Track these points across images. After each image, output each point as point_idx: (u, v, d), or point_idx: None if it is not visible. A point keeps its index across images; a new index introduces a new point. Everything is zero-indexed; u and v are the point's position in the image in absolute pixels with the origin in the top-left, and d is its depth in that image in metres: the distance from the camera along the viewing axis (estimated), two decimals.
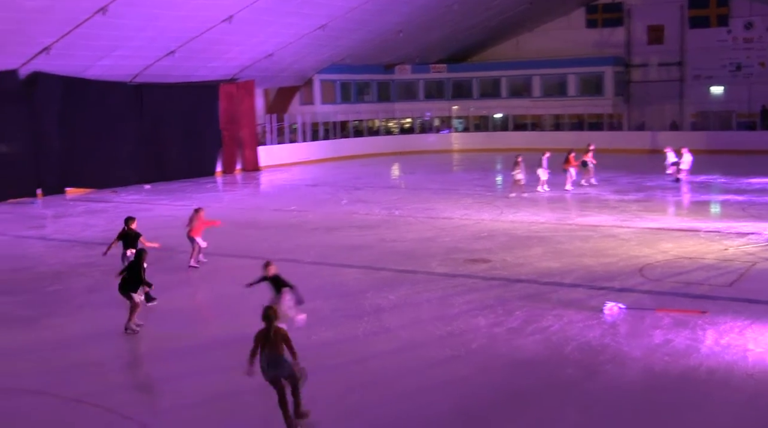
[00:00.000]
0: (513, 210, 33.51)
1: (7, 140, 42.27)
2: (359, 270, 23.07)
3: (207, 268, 24.34)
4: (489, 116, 69.66)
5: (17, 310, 19.95)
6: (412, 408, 13.24)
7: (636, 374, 14.53)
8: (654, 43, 66.48)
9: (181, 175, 50.68)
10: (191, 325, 18.50)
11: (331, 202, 38.46)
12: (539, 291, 20.34)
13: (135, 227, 21.29)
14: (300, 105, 64.58)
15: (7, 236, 31.03)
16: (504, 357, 15.55)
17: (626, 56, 67.48)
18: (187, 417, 12.95)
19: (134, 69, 46.78)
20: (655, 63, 66.60)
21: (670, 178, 41.00)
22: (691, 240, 26.13)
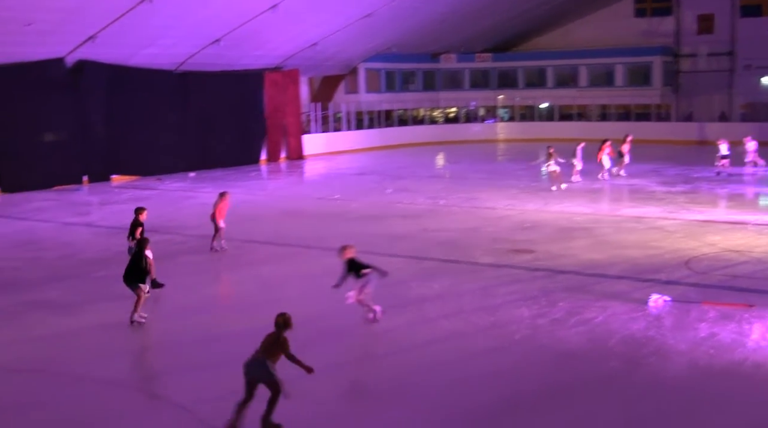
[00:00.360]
0: (558, 200, 33.32)
1: (53, 128, 42.59)
2: (403, 259, 23.02)
3: (251, 256, 24.40)
4: (534, 106, 69.27)
5: (63, 296, 20.09)
6: (454, 399, 13.18)
7: (680, 367, 14.38)
8: (704, 33, 65.67)
9: (225, 163, 50.81)
10: (235, 313, 18.54)
11: (375, 191, 38.42)
12: (583, 282, 20.20)
13: (144, 218, 21.17)
14: (345, 93, 64.57)
15: (53, 223, 31.27)
16: (547, 348, 15.45)
17: (675, 46, 66.73)
18: (232, 405, 12.94)
19: (179, 57, 46.97)
20: (704, 53, 65.72)
21: (716, 170, 40.48)
22: (739, 233, 25.85)
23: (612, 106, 66.05)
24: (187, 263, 23.91)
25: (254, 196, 37.90)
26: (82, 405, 13.23)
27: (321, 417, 12.62)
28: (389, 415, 12.62)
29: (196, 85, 49.25)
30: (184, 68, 48.37)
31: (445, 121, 71.65)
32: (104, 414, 12.95)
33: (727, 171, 39.76)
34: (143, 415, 12.86)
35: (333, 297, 17.63)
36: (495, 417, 12.48)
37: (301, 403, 12.97)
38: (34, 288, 21.05)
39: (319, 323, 17.37)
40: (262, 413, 11.95)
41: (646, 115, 65.00)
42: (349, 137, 62.08)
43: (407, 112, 68.34)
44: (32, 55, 39.68)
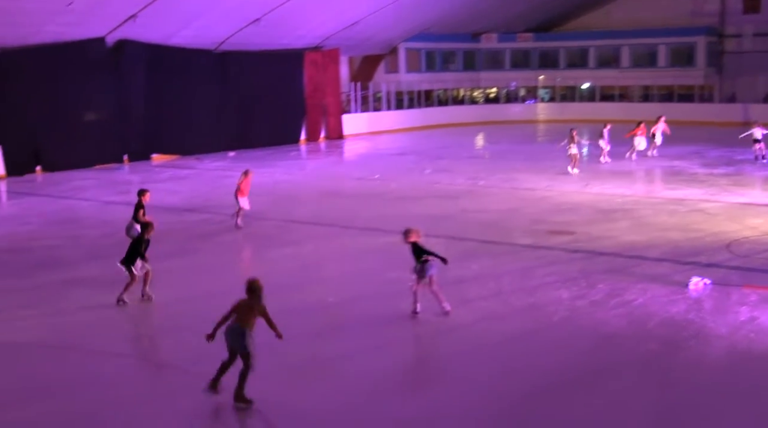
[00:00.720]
0: (598, 182, 33.13)
1: (94, 107, 42.83)
2: (442, 240, 22.91)
3: (290, 236, 24.47)
4: (576, 86, 68.83)
5: (103, 274, 20.18)
6: (492, 381, 13.16)
7: (720, 351, 14.28)
8: (750, 12, 64.74)
9: (265, 143, 50.92)
10: (273, 293, 18.53)
11: (414, 171, 38.37)
12: (623, 264, 20.08)
13: (147, 200, 21.07)
14: (385, 73, 64.48)
15: (94, 202, 31.49)
16: (586, 330, 15.37)
17: (720, 26, 65.97)
18: (270, 385, 12.97)
19: (219, 37, 47.03)
20: (750, 33, 64.90)
21: (753, 154, 39.84)
22: None
23: (654, 87, 65.45)
24: (226, 242, 24.00)
25: (293, 176, 37.98)
26: (120, 383, 13.30)
27: (358, 399, 12.60)
28: (428, 397, 12.61)
29: (236, 64, 49.34)
30: (224, 48, 48.45)
31: (485, 101, 71.42)
32: (142, 391, 13.03)
33: (764, 154, 39.10)
34: (182, 393, 12.92)
35: (371, 278, 17.64)
36: (533, 398, 12.44)
37: (337, 386, 13.00)
38: (75, 266, 21.22)
39: (356, 304, 17.40)
40: (234, 386, 12.16)
41: (689, 96, 64.33)
42: (389, 117, 62.03)
43: (447, 92, 68.19)
44: (73, 35, 39.87)
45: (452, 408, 12.14)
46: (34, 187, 36.28)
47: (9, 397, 12.81)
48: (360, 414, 12.05)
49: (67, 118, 41.06)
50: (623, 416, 11.79)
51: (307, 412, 12.09)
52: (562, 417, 11.80)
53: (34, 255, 22.73)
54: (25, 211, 29.97)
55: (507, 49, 70.53)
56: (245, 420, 11.89)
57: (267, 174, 38.12)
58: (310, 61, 53.86)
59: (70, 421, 12.09)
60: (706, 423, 11.67)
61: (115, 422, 12.04)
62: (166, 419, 12.07)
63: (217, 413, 12.20)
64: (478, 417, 11.86)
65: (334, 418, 11.90)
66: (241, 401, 12.22)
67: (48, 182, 37.29)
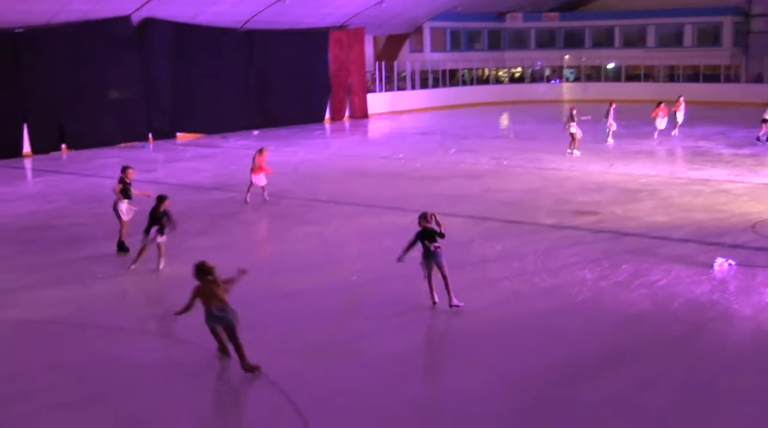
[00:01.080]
0: (623, 162, 33.00)
1: (119, 86, 42.98)
2: (465, 219, 22.95)
3: (314, 215, 24.49)
4: (601, 66, 68.50)
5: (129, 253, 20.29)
6: (515, 361, 13.14)
7: (744, 332, 14.22)
8: None
9: (289, 122, 50.95)
10: (296, 271, 18.60)
11: (438, 150, 38.32)
12: (648, 245, 20.01)
13: (130, 176, 21.02)
14: (409, 52, 64.35)
15: None
16: (610, 311, 15.33)
17: (746, 5, 65.39)
18: (295, 363, 13.02)
19: (244, 15, 47.01)
20: None
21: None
22: None
23: (680, 66, 65.04)
24: (250, 221, 24.07)
25: (317, 155, 37.99)
26: (141, 360, 13.37)
27: (378, 378, 12.62)
28: (449, 378, 12.63)
29: (261, 43, 49.36)
30: (249, 26, 48.45)
31: (510, 80, 71.18)
32: (166, 369, 13.09)
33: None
34: (203, 371, 12.98)
35: (394, 257, 17.58)
36: (556, 379, 12.42)
37: (356, 366, 13.02)
38: (99, 243, 21.26)
39: (378, 283, 17.42)
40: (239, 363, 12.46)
41: (715, 76, 63.90)
42: (414, 96, 61.93)
43: (472, 72, 67.99)
44: (99, 13, 39.96)
45: (473, 389, 12.13)
46: (58, 164, 36.47)
47: (32, 374, 12.90)
48: (380, 394, 12.06)
49: (92, 97, 41.23)
50: (647, 397, 11.76)
51: (326, 391, 12.11)
52: (585, 398, 11.78)
53: (58, 232, 22.83)
54: (50, 188, 30.12)
55: (532, 29, 70.26)
56: (264, 397, 11.92)
57: (291, 153, 38.18)
58: (335, 39, 53.82)
59: (95, 398, 12.17)
60: (730, 403, 11.63)
61: (134, 399, 12.12)
62: (185, 396, 12.13)
63: (236, 390, 12.25)
64: (500, 398, 11.86)
65: (353, 398, 11.92)
66: (249, 370, 12.47)
67: (73, 160, 37.46)
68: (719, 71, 63.84)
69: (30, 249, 20.99)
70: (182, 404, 11.91)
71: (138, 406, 11.94)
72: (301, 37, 51.81)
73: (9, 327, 15.28)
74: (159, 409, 11.78)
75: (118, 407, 11.96)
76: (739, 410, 11.48)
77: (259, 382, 12.31)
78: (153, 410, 11.78)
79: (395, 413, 11.41)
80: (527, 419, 11.28)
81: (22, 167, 36.22)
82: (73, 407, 11.84)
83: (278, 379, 12.23)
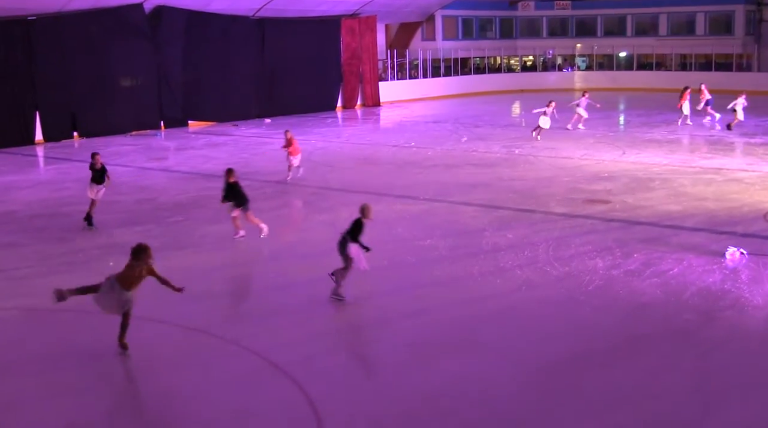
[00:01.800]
0: (635, 151, 32.97)
1: (131, 73, 43.12)
2: (477, 208, 22.95)
3: (326, 203, 24.54)
4: (613, 55, 68.38)
5: (140, 240, 20.26)
6: (527, 349, 13.16)
7: (756, 321, 14.23)
8: None
9: (301, 110, 51.02)
10: (308, 259, 18.63)
11: (450, 139, 38.32)
12: (659, 234, 19.99)
13: (97, 163, 21.80)
14: (421, 41, 64.37)
15: (131, 167, 31.66)
16: (621, 300, 15.34)
17: None
18: (307, 350, 13.06)
19: (256, 3, 47.03)
20: None
21: None
22: None
23: (692, 55, 64.90)
24: (262, 209, 24.05)
25: (330, 143, 38.01)
26: (157, 349, 13.42)
27: (390, 364, 12.68)
28: (461, 364, 12.64)
29: (273, 31, 49.39)
30: (262, 14, 48.46)
31: (522, 69, 71.08)
32: (179, 358, 13.13)
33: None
34: (217, 360, 13.02)
35: (405, 245, 17.68)
36: (568, 367, 12.44)
37: (369, 352, 13.08)
38: (112, 231, 21.37)
39: (390, 271, 17.44)
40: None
41: (727, 64, 63.76)
42: (426, 85, 61.94)
43: (484, 60, 67.89)
44: (111, 1, 40.09)
45: (486, 376, 12.16)
46: (71, 152, 36.56)
47: (47, 362, 12.97)
48: (392, 379, 12.12)
49: (104, 85, 41.37)
50: (660, 386, 11.77)
51: (339, 377, 12.19)
52: (596, 386, 11.81)
53: (70, 220, 22.87)
54: (62, 176, 30.19)
55: (544, 17, 70.21)
56: (277, 383, 11.97)
57: (303, 141, 38.12)
58: (347, 27, 53.83)
59: (107, 385, 12.24)
60: (742, 392, 11.64)
61: (144, 386, 12.20)
62: (196, 384, 12.16)
63: (250, 377, 12.29)
64: (513, 385, 11.89)
65: (368, 385, 11.97)
66: (123, 347, 12.93)
67: (85, 147, 37.48)
68: (731, 60, 63.69)
69: (42, 237, 21.06)
70: (193, 393, 11.95)
71: (148, 393, 12.01)
72: (313, 25, 51.82)
73: (21, 315, 15.35)
74: (169, 397, 11.83)
75: (129, 394, 12.03)
76: (750, 398, 11.49)
77: (272, 372, 12.35)
78: (163, 398, 11.84)
79: (407, 401, 11.45)
80: (540, 405, 11.31)
81: (34, 155, 36.31)
82: (82, 392, 11.91)
83: (290, 368, 12.26)
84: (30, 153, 36.53)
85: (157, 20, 42.79)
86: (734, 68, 63.24)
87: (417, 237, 19.93)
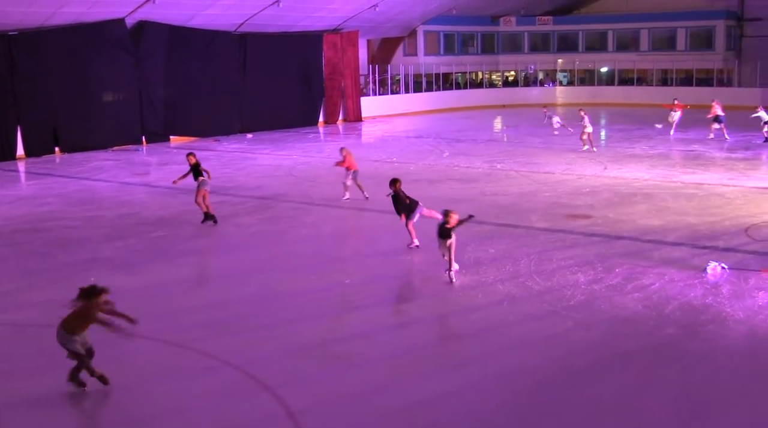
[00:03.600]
0: (617, 166, 33.08)
1: (113, 88, 43.08)
2: None
3: (308, 217, 24.52)
4: (595, 70, 68.69)
5: (121, 255, 20.28)
6: (508, 363, 13.16)
7: (738, 336, 14.24)
8: None
9: (283, 125, 51.10)
10: (289, 274, 18.60)
11: (432, 154, 38.36)
12: (641, 248, 20.03)
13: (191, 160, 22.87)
14: (403, 56, 64.52)
15: (113, 182, 31.59)
16: (603, 314, 15.34)
17: (739, 10, 65.73)
18: (288, 364, 13.03)
19: (238, 18, 47.07)
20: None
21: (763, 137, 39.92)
22: None
23: (673, 70, 65.24)
24: (245, 224, 24.03)
25: (311, 158, 38.00)
26: (137, 364, 13.37)
27: (372, 381, 12.64)
28: (443, 379, 12.62)
29: (255, 46, 49.46)
30: (244, 29, 48.53)
31: (503, 84, 71.28)
32: (159, 372, 13.08)
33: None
34: (198, 374, 12.97)
35: (388, 260, 17.66)
36: (550, 382, 12.43)
37: (351, 369, 13.04)
38: (93, 246, 21.31)
39: (373, 285, 17.44)
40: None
41: (708, 79, 64.13)
42: (407, 100, 62.04)
43: (466, 75, 68.06)
44: (93, 16, 40.01)
45: (468, 391, 12.15)
46: (52, 167, 36.45)
47: (28, 377, 12.91)
48: (374, 397, 12.08)
49: (86, 100, 41.33)
50: (641, 400, 11.78)
51: (321, 391, 12.13)
52: (578, 401, 11.81)
53: (52, 235, 22.81)
54: (44, 191, 30.08)
55: (526, 32, 70.48)
56: (258, 397, 11.93)
57: (285, 156, 38.22)
58: (329, 43, 53.92)
59: (89, 400, 12.18)
60: (724, 407, 11.65)
61: (126, 401, 12.14)
62: (177, 399, 12.11)
63: (230, 391, 12.24)
64: (494, 400, 11.88)
65: (347, 401, 11.92)
66: (74, 381, 12.38)
67: (66, 163, 37.45)
68: (712, 75, 64.03)
69: (23, 252, 20.98)
70: (174, 408, 11.90)
71: (129, 409, 11.95)
72: (295, 40, 51.92)
73: (4, 331, 15.26)
74: (150, 411, 11.78)
75: (111, 408, 11.98)
76: (733, 412, 11.51)
77: (252, 386, 12.32)
78: (143, 412, 11.78)
79: (389, 416, 11.42)
80: (522, 420, 11.30)
81: (15, 170, 36.17)
82: (64, 407, 11.86)
83: (271, 382, 12.24)
84: (11, 168, 36.40)
85: (138, 35, 42.77)
86: (715, 83, 63.56)
87: (399, 252, 19.93)
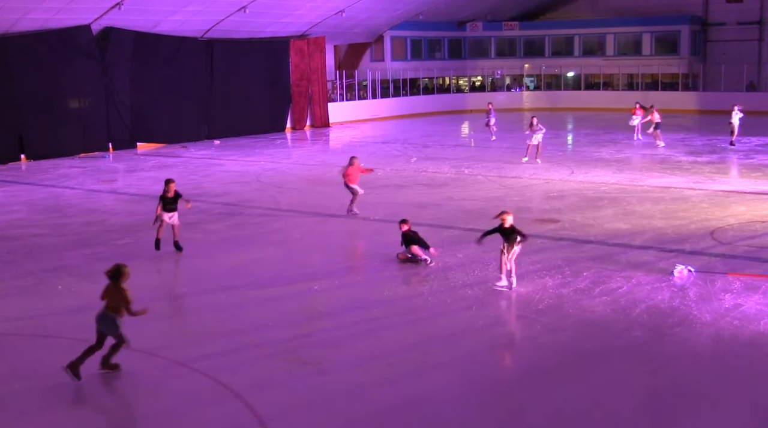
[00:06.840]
0: (584, 170, 33.21)
1: (79, 95, 42.83)
2: (427, 228, 22.91)
3: (276, 224, 24.50)
4: (561, 75, 69.00)
5: (89, 263, 20.15)
6: (476, 367, 13.19)
7: (705, 338, 14.31)
8: (733, 2, 64.96)
9: (250, 131, 51.01)
10: (256, 280, 18.56)
11: (400, 159, 38.40)
12: (608, 252, 20.13)
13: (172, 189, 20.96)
14: (370, 61, 64.52)
15: (79, 190, 31.42)
16: (571, 318, 15.40)
17: (704, 15, 66.24)
18: (257, 371, 13.01)
19: (205, 24, 46.96)
20: (733, 22, 65.25)
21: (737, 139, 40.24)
22: (765, 204, 25.68)
23: (639, 75, 65.63)
24: (213, 231, 23.96)
25: (279, 164, 37.94)
26: (105, 373, 13.29)
27: (344, 387, 12.62)
28: (413, 384, 12.63)
29: (222, 52, 49.36)
30: (210, 35, 48.41)
31: (470, 89, 71.42)
32: (129, 380, 13.01)
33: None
34: (167, 381, 12.92)
35: (357, 265, 17.65)
36: (519, 385, 12.49)
37: (322, 375, 13.02)
38: (59, 254, 21.19)
39: (342, 291, 17.46)
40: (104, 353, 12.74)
41: (674, 84, 64.57)
42: (375, 105, 62.06)
43: (433, 81, 68.17)
44: (58, 22, 39.80)
45: (438, 395, 12.17)
46: (18, 175, 36.21)
47: None
48: (344, 403, 12.07)
49: (51, 106, 41.08)
50: (609, 402, 11.84)
51: (291, 398, 12.12)
52: (548, 403, 11.84)
53: (18, 243, 22.66)
54: (9, 198, 29.87)
55: (492, 38, 70.68)
56: (228, 404, 11.89)
57: (252, 162, 38.14)
58: (296, 48, 53.89)
59: (59, 409, 12.09)
60: (691, 409, 11.72)
61: (94, 410, 12.08)
62: (144, 407, 12.07)
63: (200, 398, 12.19)
64: (465, 403, 11.90)
65: (316, 407, 11.91)
66: (112, 368, 12.88)
67: (32, 170, 37.21)
68: (677, 79, 64.49)
69: None
70: (143, 415, 11.85)
71: (98, 416, 11.88)
72: (262, 46, 51.87)
73: None
74: (119, 419, 11.72)
75: (78, 417, 11.90)
76: (701, 413, 11.59)
77: (222, 393, 12.28)
78: (113, 420, 11.72)
79: (359, 422, 11.42)
80: (491, 423, 11.33)
81: None
82: (32, 418, 11.77)
83: (241, 389, 12.21)
84: None
85: (105, 41, 42.56)
86: (680, 88, 64.06)
87: (367, 257, 19.93)
